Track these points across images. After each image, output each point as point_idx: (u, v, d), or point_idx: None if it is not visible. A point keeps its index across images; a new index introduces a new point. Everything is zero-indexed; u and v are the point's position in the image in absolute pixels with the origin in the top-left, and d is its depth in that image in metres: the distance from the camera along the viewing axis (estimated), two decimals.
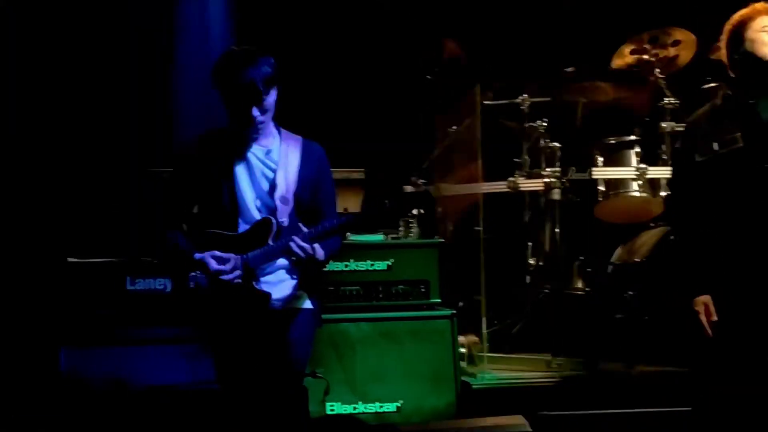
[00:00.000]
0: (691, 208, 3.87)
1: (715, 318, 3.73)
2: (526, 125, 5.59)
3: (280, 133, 3.72)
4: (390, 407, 4.69)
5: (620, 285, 5.34)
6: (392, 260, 4.95)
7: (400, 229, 5.23)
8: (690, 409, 3.70)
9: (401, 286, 4.95)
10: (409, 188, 5.52)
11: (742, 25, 3.79)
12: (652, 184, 5.36)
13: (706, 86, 5.07)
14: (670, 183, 4.14)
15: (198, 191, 3.67)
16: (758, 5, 3.80)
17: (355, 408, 4.62)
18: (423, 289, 4.96)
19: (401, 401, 4.71)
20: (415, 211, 5.24)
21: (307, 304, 3.69)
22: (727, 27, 3.84)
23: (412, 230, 5.25)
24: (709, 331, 3.72)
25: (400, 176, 5.58)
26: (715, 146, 3.77)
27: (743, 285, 3.72)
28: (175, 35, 6.27)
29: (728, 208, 3.75)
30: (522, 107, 5.58)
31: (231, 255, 3.51)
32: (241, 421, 3.62)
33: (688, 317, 3.82)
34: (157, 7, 6.23)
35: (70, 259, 4.80)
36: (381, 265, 4.94)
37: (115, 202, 5.74)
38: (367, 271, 4.93)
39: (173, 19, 6.29)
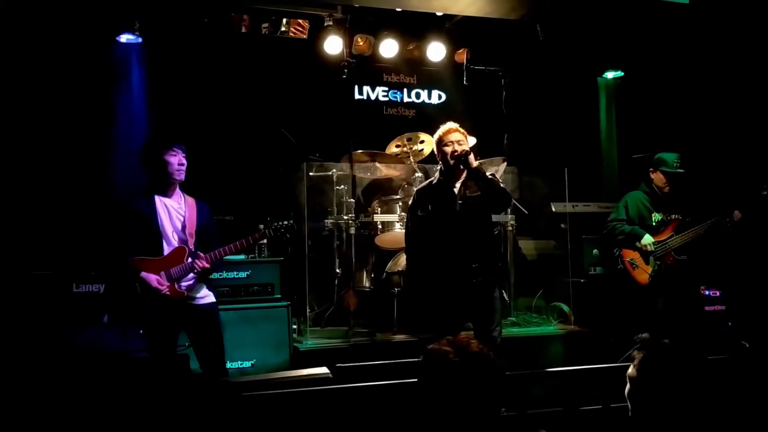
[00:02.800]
0: (416, 242, 4.08)
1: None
2: (335, 188, 5.65)
3: (183, 193, 3.81)
4: (247, 364, 4.70)
5: (391, 285, 5.41)
6: (250, 271, 4.95)
7: (256, 251, 5.21)
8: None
9: (256, 287, 4.94)
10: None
11: (440, 138, 3.97)
12: None
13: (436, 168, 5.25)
14: (405, 226, 4.30)
15: (133, 228, 3.65)
16: (450, 125, 3.97)
17: None
18: (270, 289, 4.97)
19: (254, 360, 4.73)
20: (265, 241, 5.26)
21: (212, 298, 3.83)
22: (436, 136, 4.00)
23: (264, 252, 5.25)
24: None
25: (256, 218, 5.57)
26: (429, 207, 3.97)
27: (444, 285, 3.95)
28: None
29: (434, 240, 3.95)
30: (333, 177, 5.65)
31: (164, 275, 3.58)
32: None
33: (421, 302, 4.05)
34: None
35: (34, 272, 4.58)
36: (243, 274, 4.93)
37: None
38: (234, 278, 4.90)
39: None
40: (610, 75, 7.33)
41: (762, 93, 5.99)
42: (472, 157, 3.86)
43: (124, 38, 5.89)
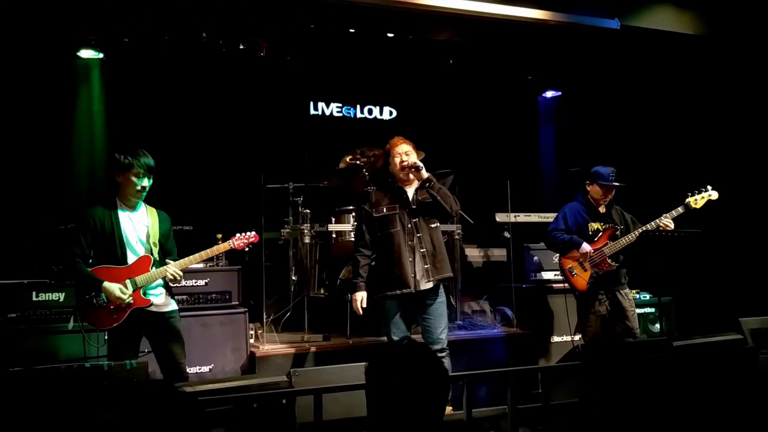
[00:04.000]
0: (364, 243, 4.14)
1: (364, 305, 4.06)
2: (290, 199, 5.62)
3: (146, 204, 3.74)
4: (205, 369, 4.65)
5: (344, 291, 5.29)
6: (209, 279, 4.88)
7: (215, 259, 5.13)
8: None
9: (214, 295, 4.86)
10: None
11: (389, 149, 4.14)
12: None
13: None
14: (356, 230, 4.36)
15: (96, 239, 3.56)
16: (398, 138, 4.15)
17: None
18: (228, 297, 4.90)
19: (212, 365, 4.68)
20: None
21: (174, 305, 3.76)
22: (386, 148, 4.17)
23: (222, 260, 5.17)
24: (360, 312, 4.07)
25: (214, 228, 5.49)
26: (384, 209, 4.07)
27: (396, 288, 4.00)
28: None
29: (385, 240, 4.03)
30: (288, 188, 5.63)
31: (129, 283, 3.49)
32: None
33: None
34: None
35: None
36: (201, 282, 4.84)
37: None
38: (193, 285, 4.81)
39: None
40: (549, 94, 7.53)
41: (686, 108, 6.22)
42: (423, 169, 4.01)
43: (85, 53, 5.78)
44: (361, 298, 4.07)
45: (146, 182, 3.62)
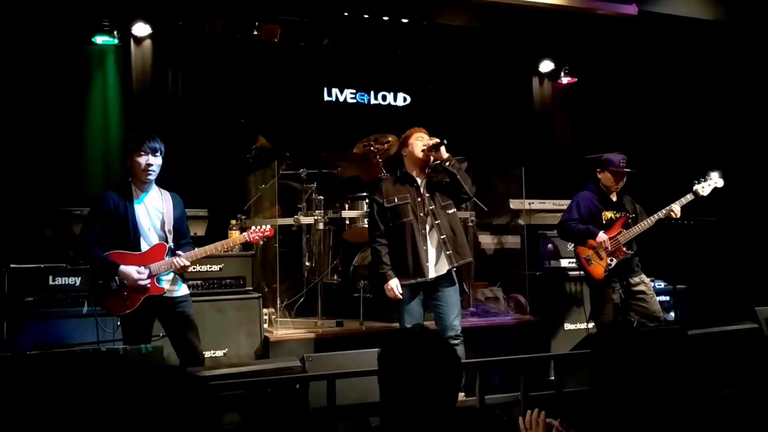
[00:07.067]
0: (380, 232, 4.12)
1: (400, 290, 4.01)
2: (304, 185, 5.58)
3: (159, 188, 3.70)
4: (219, 353, 4.64)
5: (357, 277, 5.38)
6: (223, 264, 4.87)
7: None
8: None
9: (228, 280, 4.87)
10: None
11: (408, 136, 4.15)
12: None
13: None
14: (369, 221, 4.33)
15: (110, 224, 3.54)
16: (416, 128, 4.18)
17: None
18: (242, 282, 4.92)
19: (227, 349, 4.67)
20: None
21: (186, 290, 3.75)
22: (403, 137, 4.20)
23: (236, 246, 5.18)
24: (399, 297, 4.02)
25: (228, 213, 5.50)
26: (395, 199, 4.07)
27: (409, 275, 4.01)
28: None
29: (397, 230, 4.04)
30: (302, 175, 5.58)
31: (144, 268, 3.50)
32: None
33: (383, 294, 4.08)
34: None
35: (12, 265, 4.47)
36: (216, 268, 4.86)
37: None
38: (207, 271, 4.82)
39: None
40: (564, 81, 7.44)
41: (701, 96, 6.13)
42: (443, 148, 4.00)
43: (100, 39, 5.79)
44: (395, 285, 4.03)
45: (152, 160, 3.56)
